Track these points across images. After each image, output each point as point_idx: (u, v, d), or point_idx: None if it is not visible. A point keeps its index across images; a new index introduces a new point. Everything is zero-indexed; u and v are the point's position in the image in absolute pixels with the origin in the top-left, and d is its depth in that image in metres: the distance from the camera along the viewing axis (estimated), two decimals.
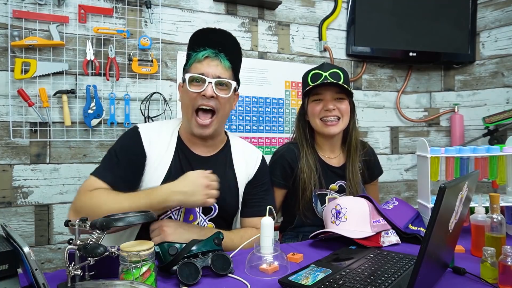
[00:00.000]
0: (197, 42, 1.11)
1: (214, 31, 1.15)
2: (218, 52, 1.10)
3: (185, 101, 1.11)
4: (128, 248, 0.74)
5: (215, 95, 1.06)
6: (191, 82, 1.08)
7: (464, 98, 2.38)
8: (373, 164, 1.49)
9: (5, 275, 0.66)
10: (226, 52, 1.11)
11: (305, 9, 2.23)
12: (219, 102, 1.09)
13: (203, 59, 1.09)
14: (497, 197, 1.01)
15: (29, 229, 1.68)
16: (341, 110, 1.32)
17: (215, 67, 1.08)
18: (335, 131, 1.32)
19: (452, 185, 0.65)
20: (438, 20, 2.30)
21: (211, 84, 1.06)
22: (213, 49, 1.10)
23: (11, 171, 1.65)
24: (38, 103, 1.64)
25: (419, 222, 1.22)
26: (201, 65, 1.08)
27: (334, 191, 1.37)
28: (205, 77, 1.06)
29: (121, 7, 1.80)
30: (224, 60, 1.10)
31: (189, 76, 1.08)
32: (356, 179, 1.36)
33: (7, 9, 1.60)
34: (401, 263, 0.90)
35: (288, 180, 1.36)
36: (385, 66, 2.42)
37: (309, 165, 1.32)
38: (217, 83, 1.07)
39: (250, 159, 1.23)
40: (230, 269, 0.87)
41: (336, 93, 1.32)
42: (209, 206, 1.11)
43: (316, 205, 1.34)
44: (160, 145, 1.12)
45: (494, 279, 0.82)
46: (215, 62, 1.09)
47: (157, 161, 1.10)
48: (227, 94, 1.10)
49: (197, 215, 1.12)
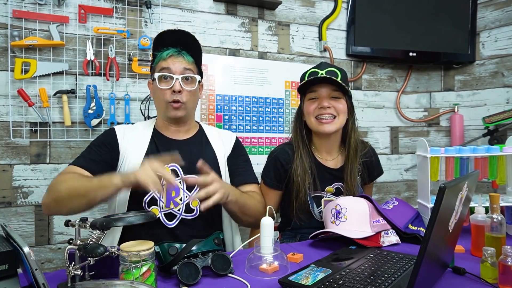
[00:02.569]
0: (160, 43, 1.23)
1: (174, 32, 1.28)
2: (180, 50, 1.22)
3: (158, 96, 1.23)
4: (128, 248, 0.74)
5: (182, 89, 1.19)
6: (160, 80, 1.20)
7: (464, 98, 2.38)
8: (374, 165, 1.46)
9: (5, 275, 0.66)
10: (188, 49, 1.23)
11: (305, 9, 2.23)
12: (186, 94, 1.21)
13: (168, 58, 1.20)
14: (497, 197, 1.01)
15: (29, 229, 1.68)
16: (337, 109, 1.29)
17: (179, 64, 1.20)
18: (329, 129, 1.28)
19: (452, 185, 0.65)
20: (438, 20, 2.30)
21: (178, 80, 1.18)
22: (175, 48, 1.21)
23: (11, 171, 1.65)
24: (38, 103, 1.64)
25: (419, 222, 1.22)
26: (167, 63, 1.20)
27: (330, 193, 1.35)
28: (172, 74, 1.18)
29: (121, 7, 1.80)
30: (187, 56, 1.22)
31: (158, 75, 1.20)
32: (354, 182, 1.33)
33: (7, 9, 1.60)
34: (401, 263, 0.90)
35: (281, 181, 1.35)
36: (385, 66, 2.42)
37: (303, 167, 1.30)
38: (183, 78, 1.20)
39: (225, 137, 1.36)
40: (230, 269, 0.87)
41: (332, 91, 1.29)
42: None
43: (313, 207, 1.32)
44: (135, 137, 1.23)
45: (494, 279, 0.82)
46: (178, 59, 1.21)
47: (133, 150, 1.20)
48: (193, 87, 1.22)
49: (179, 191, 1.18)
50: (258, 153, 2.06)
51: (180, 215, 1.16)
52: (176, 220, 1.15)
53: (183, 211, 1.17)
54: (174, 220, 1.15)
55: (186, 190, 1.19)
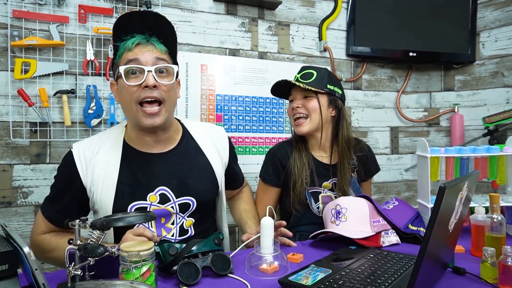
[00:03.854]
0: (122, 30, 0.97)
1: (138, 14, 1.00)
2: (149, 37, 0.98)
3: (125, 97, 0.97)
4: (128, 248, 0.74)
5: (157, 83, 0.95)
6: (127, 75, 0.95)
7: (464, 98, 2.38)
8: (369, 161, 1.48)
9: (5, 275, 0.66)
10: (158, 35, 0.98)
11: (305, 9, 2.23)
12: (162, 90, 0.97)
13: (134, 47, 0.95)
14: (497, 197, 1.01)
15: (29, 229, 1.67)
16: (308, 108, 1.34)
17: (150, 54, 0.95)
18: (302, 130, 1.34)
19: (452, 185, 0.65)
20: (438, 20, 2.30)
21: (151, 72, 0.94)
22: (142, 34, 0.97)
23: (11, 171, 1.65)
24: (38, 103, 1.64)
25: (419, 222, 1.22)
26: (133, 54, 0.95)
27: (327, 189, 1.38)
28: (143, 66, 0.94)
29: (121, 7, 1.80)
30: (158, 44, 0.98)
31: (123, 68, 0.94)
32: (346, 177, 1.35)
33: (7, 9, 1.60)
34: (401, 263, 0.90)
35: (279, 177, 1.38)
36: (385, 66, 2.42)
37: (301, 159, 1.35)
38: (156, 70, 0.95)
39: (218, 141, 1.17)
40: (230, 269, 0.87)
41: (302, 91, 1.35)
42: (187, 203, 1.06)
43: (311, 202, 1.34)
44: (101, 162, 1.01)
45: (494, 279, 0.82)
46: (148, 48, 0.96)
47: (102, 181, 1.00)
48: (171, 81, 0.98)
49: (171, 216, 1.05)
50: (258, 153, 2.06)
51: (175, 240, 1.04)
52: None
53: (177, 236, 1.05)
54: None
55: (180, 213, 1.06)
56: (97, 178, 1.00)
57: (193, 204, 1.07)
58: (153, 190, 1.03)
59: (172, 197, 1.04)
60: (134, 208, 1.01)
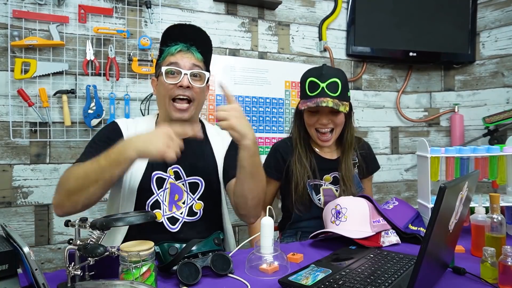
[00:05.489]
0: (170, 38, 1.16)
1: (185, 27, 1.20)
2: (190, 46, 1.16)
3: (161, 92, 1.15)
4: (128, 248, 0.74)
5: (190, 85, 1.12)
6: (167, 75, 1.12)
7: (464, 98, 2.38)
8: (369, 158, 1.50)
9: (5, 275, 0.66)
10: (197, 45, 1.17)
11: (305, 9, 2.23)
12: (194, 92, 1.14)
13: (176, 53, 1.14)
14: (497, 197, 1.01)
15: (29, 229, 1.68)
16: (335, 123, 1.35)
17: (188, 60, 1.14)
18: (327, 144, 1.38)
19: (452, 185, 0.65)
20: (438, 20, 2.30)
21: (187, 75, 1.11)
22: (185, 43, 1.15)
23: (11, 171, 1.65)
24: (38, 103, 1.64)
25: (419, 222, 1.22)
26: (175, 58, 1.13)
27: (328, 182, 1.39)
28: (180, 69, 1.11)
29: (121, 7, 1.80)
30: (196, 52, 1.16)
31: (165, 69, 1.12)
32: (350, 172, 1.38)
33: (7, 9, 1.60)
34: (401, 263, 0.90)
35: (280, 172, 1.40)
36: (385, 66, 2.42)
37: (301, 161, 1.36)
38: (191, 74, 1.13)
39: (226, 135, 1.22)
40: (230, 269, 0.87)
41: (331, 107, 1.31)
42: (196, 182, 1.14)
43: (312, 193, 1.36)
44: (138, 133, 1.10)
45: (494, 279, 0.82)
46: (187, 55, 1.14)
47: None
48: (202, 85, 1.15)
49: (183, 194, 1.15)
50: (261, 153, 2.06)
51: (183, 219, 1.13)
52: (179, 224, 1.12)
53: (185, 215, 1.14)
54: (177, 224, 1.12)
55: (190, 193, 1.16)
56: None
57: (201, 185, 1.17)
58: (170, 166, 1.15)
59: (183, 175, 1.16)
60: (155, 176, 1.13)
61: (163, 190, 1.13)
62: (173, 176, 1.15)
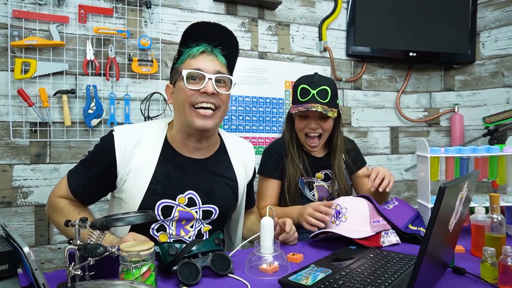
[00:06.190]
0: (192, 37, 1.01)
1: (208, 25, 1.04)
2: (214, 47, 1.03)
3: (181, 99, 1.00)
4: (128, 248, 0.74)
5: (216, 92, 0.99)
6: (188, 79, 0.98)
7: (464, 98, 2.38)
8: (356, 153, 1.55)
9: (5, 275, 0.66)
10: (222, 47, 1.03)
11: (305, 9, 2.23)
12: (220, 99, 1.01)
13: (198, 55, 1.00)
14: (497, 197, 1.01)
15: (29, 229, 1.68)
16: (323, 128, 1.39)
17: (212, 63, 1.00)
18: (315, 149, 1.44)
19: (452, 185, 0.65)
20: (438, 20, 2.30)
21: (211, 80, 0.98)
22: (209, 44, 1.02)
23: (11, 171, 1.65)
24: (38, 103, 1.64)
25: (419, 222, 1.22)
26: (197, 61, 1.00)
27: (320, 179, 1.45)
28: (204, 73, 0.98)
29: (121, 7, 1.80)
30: (219, 55, 1.03)
31: (186, 72, 0.97)
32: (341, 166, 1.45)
33: (7, 9, 1.60)
34: (401, 263, 0.90)
35: (279, 170, 1.44)
36: (385, 66, 2.42)
37: (294, 163, 1.40)
38: (216, 80, 0.99)
39: (247, 161, 1.22)
40: (230, 269, 0.87)
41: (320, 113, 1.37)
42: (211, 210, 1.09)
43: (304, 189, 1.41)
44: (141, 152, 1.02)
45: (494, 279, 0.82)
46: (211, 58, 1.01)
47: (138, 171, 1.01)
48: (227, 91, 1.03)
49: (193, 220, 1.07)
50: (258, 153, 2.06)
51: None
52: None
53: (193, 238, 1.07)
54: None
55: (202, 220, 1.08)
56: (134, 169, 1.01)
57: (215, 213, 1.10)
58: (183, 192, 1.05)
59: (199, 202, 1.07)
60: (161, 205, 1.02)
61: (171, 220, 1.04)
62: (185, 203, 1.05)
